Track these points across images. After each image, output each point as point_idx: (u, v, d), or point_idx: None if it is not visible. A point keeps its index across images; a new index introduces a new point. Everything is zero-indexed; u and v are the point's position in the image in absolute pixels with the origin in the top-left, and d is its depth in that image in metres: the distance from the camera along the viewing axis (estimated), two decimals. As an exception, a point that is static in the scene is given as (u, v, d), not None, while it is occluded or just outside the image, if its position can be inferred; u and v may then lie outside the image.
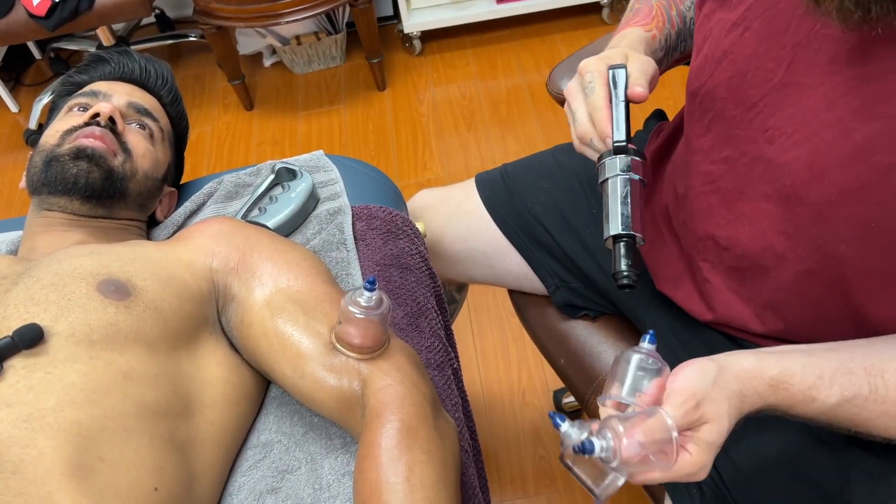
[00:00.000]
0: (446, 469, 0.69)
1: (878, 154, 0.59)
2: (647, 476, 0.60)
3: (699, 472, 0.60)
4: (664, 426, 0.58)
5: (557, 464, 1.53)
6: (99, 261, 0.78)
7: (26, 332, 0.68)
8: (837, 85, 0.61)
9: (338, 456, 0.78)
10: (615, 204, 0.71)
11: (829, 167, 0.63)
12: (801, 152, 0.65)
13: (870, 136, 0.59)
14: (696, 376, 0.61)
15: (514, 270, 1.09)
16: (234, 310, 0.83)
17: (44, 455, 0.63)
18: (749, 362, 0.64)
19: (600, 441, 0.58)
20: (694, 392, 0.60)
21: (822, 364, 0.64)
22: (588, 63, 0.76)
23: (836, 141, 0.62)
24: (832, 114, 0.62)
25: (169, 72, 1.07)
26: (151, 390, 0.72)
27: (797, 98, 0.65)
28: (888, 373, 0.63)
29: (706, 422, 0.60)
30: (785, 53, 0.65)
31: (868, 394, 0.63)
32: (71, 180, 0.88)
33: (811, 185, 0.65)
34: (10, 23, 2.07)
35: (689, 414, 0.59)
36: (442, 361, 0.89)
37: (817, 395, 0.63)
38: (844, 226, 0.64)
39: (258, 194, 1.03)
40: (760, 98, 0.69)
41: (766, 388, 0.63)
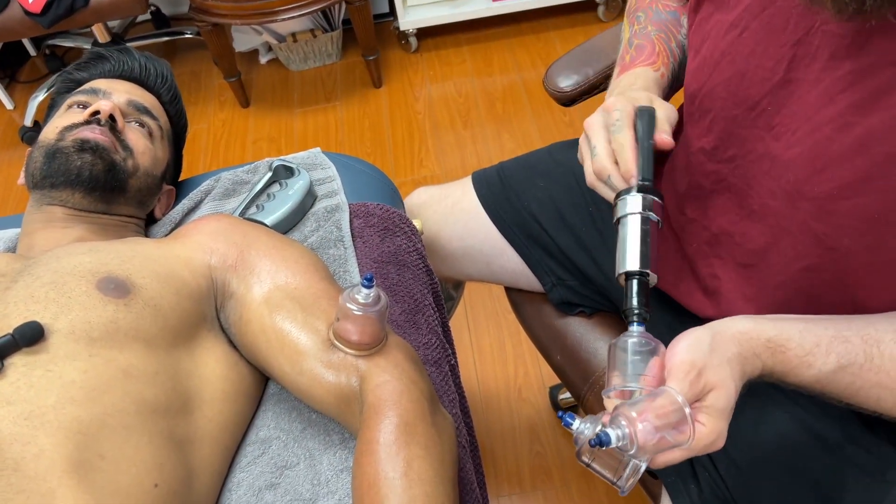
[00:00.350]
0: (444, 464, 0.70)
1: (877, 146, 0.60)
2: (668, 457, 0.60)
3: (717, 441, 0.60)
4: (674, 403, 0.58)
5: (553, 459, 1.54)
6: (98, 258, 0.79)
7: (27, 329, 0.69)
8: (837, 80, 0.62)
9: (336, 452, 0.79)
10: (634, 241, 0.69)
11: (830, 161, 0.63)
12: (804, 148, 0.66)
13: (870, 128, 0.60)
14: (691, 346, 0.62)
15: (511, 268, 1.10)
16: (233, 307, 0.83)
17: (44, 452, 0.63)
18: (744, 325, 0.65)
19: (615, 430, 0.58)
20: (693, 361, 0.60)
21: (820, 332, 0.65)
22: (616, 102, 0.76)
23: (836, 135, 0.63)
24: (833, 109, 0.63)
25: (168, 70, 1.07)
26: (151, 387, 0.72)
27: (799, 95, 0.66)
28: (884, 343, 0.64)
29: (711, 389, 0.60)
30: (784, 51, 0.66)
31: (864, 362, 0.64)
32: (74, 172, 0.88)
33: (813, 179, 0.65)
34: (6, 19, 2.06)
35: (693, 385, 0.60)
36: (439, 358, 0.89)
37: (814, 361, 0.64)
38: (847, 219, 0.65)
39: (256, 192, 1.03)
40: (763, 97, 0.69)
41: (764, 348, 0.64)
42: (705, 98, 0.76)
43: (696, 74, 0.77)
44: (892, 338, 0.64)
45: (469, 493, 0.79)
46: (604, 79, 1.10)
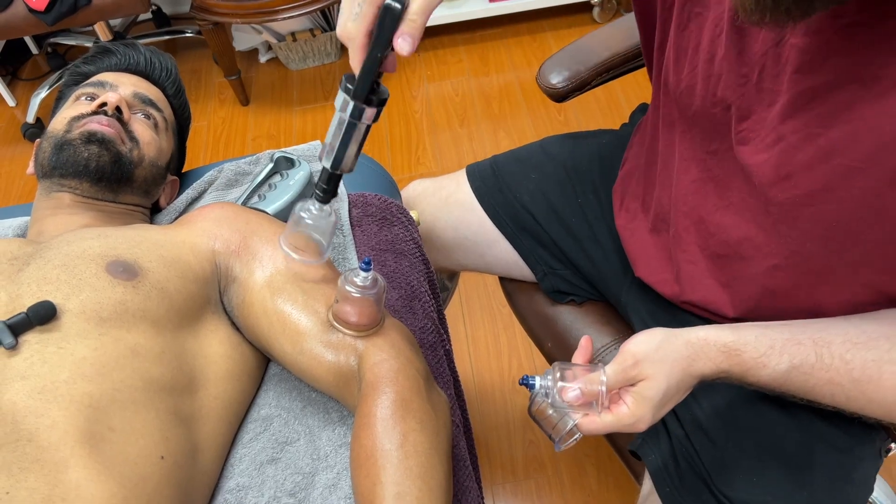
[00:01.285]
0: (439, 437, 0.73)
1: (838, 157, 0.62)
2: (590, 426, 0.73)
3: (637, 423, 0.71)
4: (598, 379, 0.72)
5: (546, 449, 1.58)
6: (107, 243, 0.82)
7: (40, 308, 0.72)
8: (803, 92, 0.64)
9: (335, 428, 0.82)
10: (336, 142, 0.70)
11: (795, 169, 0.66)
12: (770, 154, 0.68)
13: (832, 140, 0.62)
14: (641, 341, 0.72)
15: (504, 258, 1.13)
16: (236, 290, 0.86)
17: (57, 424, 0.66)
18: (703, 332, 0.72)
19: (542, 380, 0.73)
20: (634, 353, 0.71)
21: (775, 335, 0.71)
22: None
23: (802, 144, 0.65)
24: (798, 119, 0.65)
25: (173, 64, 1.10)
26: (157, 366, 0.75)
27: (768, 103, 0.68)
28: (834, 344, 0.69)
29: (643, 378, 0.71)
30: (756, 60, 0.68)
31: (815, 362, 0.69)
32: (82, 163, 0.91)
33: (779, 185, 0.68)
34: (10, 17, 2.09)
35: (626, 371, 0.71)
36: (434, 342, 0.93)
37: (768, 362, 0.70)
38: (810, 224, 0.68)
39: (258, 182, 1.06)
40: (733, 101, 0.71)
41: (718, 353, 0.71)
42: (685, 92, 0.77)
43: (676, 68, 0.78)
44: (842, 340, 0.69)
45: (463, 468, 0.83)
46: (595, 76, 1.12)
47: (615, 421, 0.72)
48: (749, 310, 0.82)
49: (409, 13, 0.60)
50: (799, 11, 0.53)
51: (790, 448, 0.79)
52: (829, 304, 0.73)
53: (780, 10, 0.53)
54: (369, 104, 0.67)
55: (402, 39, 0.61)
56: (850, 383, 0.68)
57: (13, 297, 0.75)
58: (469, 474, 0.83)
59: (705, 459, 0.82)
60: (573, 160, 1.09)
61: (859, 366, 0.68)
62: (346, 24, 0.63)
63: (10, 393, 0.67)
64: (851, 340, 0.69)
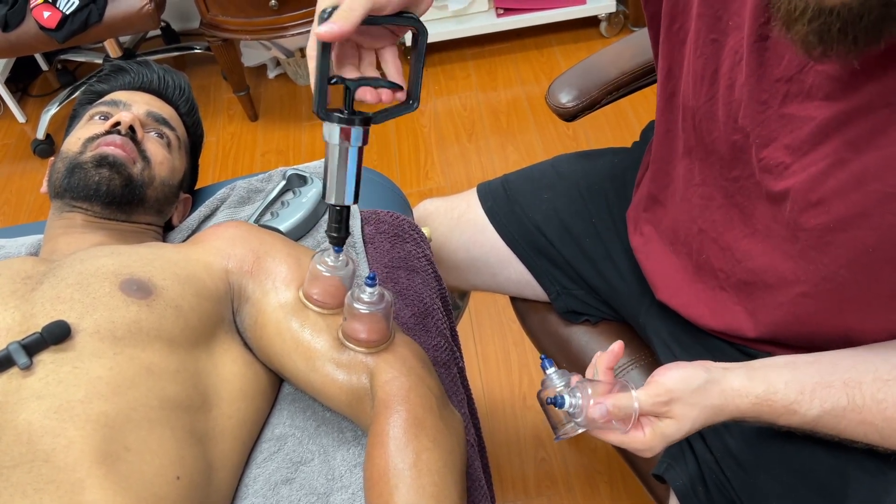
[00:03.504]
0: (452, 456, 0.72)
1: (873, 183, 0.61)
2: (605, 435, 0.73)
3: (645, 451, 0.72)
4: (630, 407, 0.70)
5: (558, 466, 1.56)
6: (121, 261, 0.82)
7: (54, 328, 0.72)
8: (831, 118, 0.63)
9: (350, 448, 0.81)
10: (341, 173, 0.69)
11: (827, 196, 0.65)
12: (799, 180, 0.67)
13: (865, 166, 0.61)
14: (680, 379, 0.70)
15: (516, 278, 1.12)
16: (248, 311, 0.86)
17: (74, 444, 0.66)
18: (738, 381, 0.71)
19: (571, 398, 0.72)
20: (671, 390, 0.69)
21: (804, 379, 0.70)
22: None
23: (832, 170, 0.64)
24: (828, 145, 0.64)
25: (186, 83, 1.11)
26: (172, 384, 0.75)
27: (791, 130, 0.67)
28: (864, 384, 0.68)
29: (670, 417, 0.70)
30: (779, 87, 0.67)
31: (846, 404, 0.69)
32: (93, 187, 0.92)
33: (809, 212, 0.67)
34: (21, 34, 2.11)
35: (657, 406, 0.70)
36: (448, 360, 0.92)
37: (798, 408, 0.70)
38: (843, 251, 0.67)
39: (270, 199, 1.06)
40: (753, 128, 0.70)
41: (749, 405, 0.71)
42: (704, 118, 0.76)
43: (696, 92, 0.76)
44: (873, 378, 0.68)
45: (478, 488, 0.82)
46: (605, 94, 1.12)
47: (626, 441, 0.72)
48: (774, 334, 0.81)
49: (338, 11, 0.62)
50: (867, 40, 0.52)
51: (822, 473, 0.78)
52: (860, 330, 0.72)
53: (847, 40, 0.52)
54: (351, 124, 0.68)
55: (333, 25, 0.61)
56: (883, 423, 0.68)
57: (27, 317, 0.75)
58: (484, 494, 0.83)
59: (736, 486, 0.81)
60: (586, 179, 1.08)
61: (892, 404, 0.67)
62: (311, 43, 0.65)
63: (26, 413, 0.67)
64: (882, 378, 0.68)
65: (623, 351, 0.77)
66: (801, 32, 0.54)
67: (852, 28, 0.51)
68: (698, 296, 0.88)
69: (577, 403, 0.71)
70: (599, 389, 0.72)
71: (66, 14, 2.06)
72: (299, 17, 2.17)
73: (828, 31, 0.52)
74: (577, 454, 1.58)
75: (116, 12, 2.11)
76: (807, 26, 0.53)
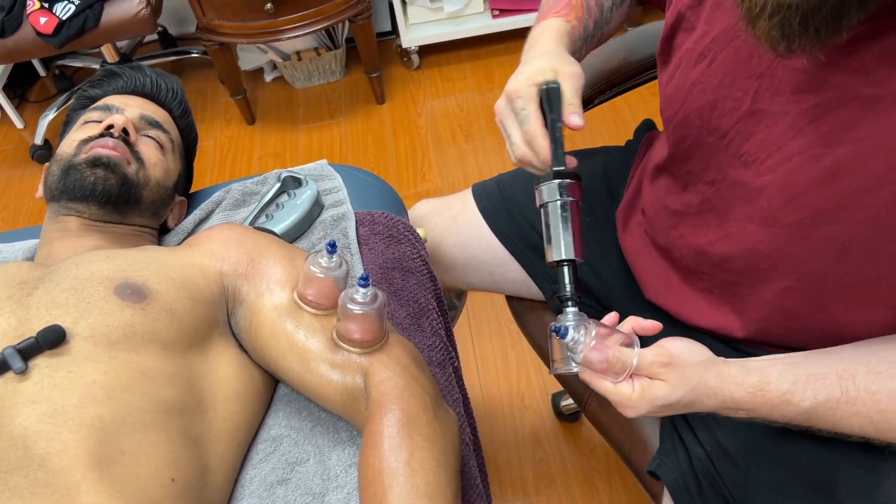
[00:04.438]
0: (446, 455, 0.72)
1: (846, 177, 0.62)
2: (595, 382, 0.72)
3: (628, 409, 0.71)
4: (628, 361, 0.70)
5: (556, 465, 1.57)
6: (115, 265, 0.82)
7: (49, 333, 0.72)
8: (803, 112, 0.64)
9: (345, 448, 0.82)
10: (556, 229, 0.75)
11: (802, 190, 0.66)
12: (775, 176, 0.68)
13: (838, 159, 0.62)
14: (686, 348, 0.71)
15: (512, 277, 1.12)
16: (243, 313, 0.86)
17: (68, 448, 0.66)
18: (735, 370, 0.71)
19: (575, 333, 0.71)
20: (673, 355, 0.70)
21: (798, 371, 0.71)
22: (518, 86, 0.78)
23: (807, 165, 0.65)
24: (802, 140, 0.65)
25: (179, 86, 1.11)
26: (167, 388, 0.75)
27: (767, 125, 0.68)
28: (858, 376, 0.68)
29: (663, 380, 0.70)
30: (750, 83, 0.68)
31: (840, 396, 0.69)
32: (89, 187, 0.92)
33: (787, 207, 0.68)
34: (18, 40, 2.11)
35: (655, 366, 0.70)
36: (443, 359, 0.92)
37: (792, 398, 0.70)
38: (821, 245, 0.68)
39: (265, 202, 1.06)
40: (732, 126, 0.71)
41: (744, 394, 0.70)
42: (680, 124, 0.78)
43: (670, 102, 0.79)
44: (865, 370, 0.69)
45: (473, 487, 0.82)
46: (597, 93, 1.13)
47: (612, 392, 0.71)
48: (762, 332, 0.81)
49: (565, 98, 0.76)
50: (828, 31, 0.52)
51: (813, 466, 0.79)
52: (845, 323, 0.73)
53: (809, 33, 0.53)
54: (576, 178, 0.74)
55: (571, 117, 0.76)
56: (877, 415, 0.68)
57: (22, 322, 0.75)
58: (480, 493, 0.83)
59: (727, 480, 0.82)
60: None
61: (885, 396, 0.67)
62: (520, 133, 0.77)
63: (21, 417, 0.67)
64: (875, 370, 0.68)
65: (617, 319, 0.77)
66: (763, 28, 0.55)
67: (812, 20, 0.52)
68: (686, 295, 0.89)
69: (579, 339, 0.71)
70: (607, 336, 0.72)
71: (62, 20, 2.06)
72: (295, 20, 2.17)
73: (789, 26, 0.53)
74: (576, 453, 1.58)
75: (113, 17, 2.11)
76: (768, 22, 0.54)
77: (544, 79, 0.77)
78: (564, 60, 0.79)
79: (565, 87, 0.77)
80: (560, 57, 0.81)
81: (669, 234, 0.88)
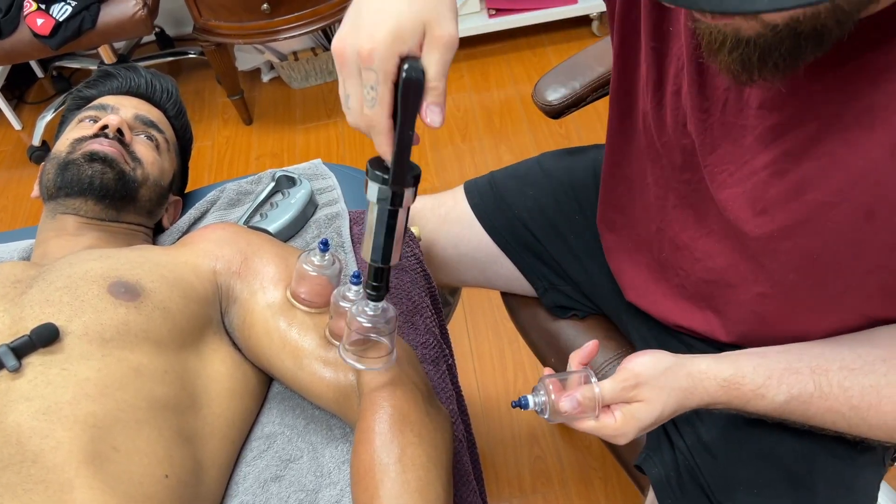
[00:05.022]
0: (437, 451, 0.73)
1: (811, 192, 0.63)
2: (580, 425, 0.74)
3: (618, 437, 0.73)
4: (593, 393, 0.73)
5: (553, 463, 1.57)
6: (109, 264, 0.82)
7: (43, 331, 0.72)
8: (769, 128, 0.64)
9: (338, 445, 0.82)
10: (377, 234, 0.63)
11: (769, 205, 0.67)
12: (743, 189, 0.69)
13: (802, 175, 0.63)
14: (647, 363, 0.72)
15: (505, 274, 1.13)
16: (236, 311, 0.87)
17: (62, 445, 0.66)
18: (705, 364, 0.73)
19: (534, 398, 0.75)
20: (638, 374, 0.71)
21: (772, 365, 0.72)
22: (374, 50, 0.55)
23: (773, 180, 0.65)
24: (768, 155, 0.65)
25: (174, 86, 1.12)
26: (160, 385, 0.76)
27: (734, 137, 0.68)
28: (831, 372, 0.69)
29: (640, 401, 0.72)
30: (718, 94, 0.68)
31: (813, 391, 0.70)
32: (86, 181, 0.92)
33: (755, 220, 0.69)
34: (15, 42, 2.12)
35: (626, 391, 0.72)
36: (437, 356, 0.93)
37: (766, 392, 0.71)
38: (789, 257, 0.68)
39: (259, 201, 1.07)
40: (698, 134, 0.71)
41: (718, 388, 0.72)
42: (657, 122, 0.77)
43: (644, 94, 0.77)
44: (839, 366, 0.69)
45: (466, 484, 0.83)
46: (590, 91, 1.13)
47: (598, 428, 0.73)
48: (742, 335, 0.82)
49: (429, 81, 0.57)
50: (786, 65, 0.53)
51: (790, 459, 0.79)
52: (818, 330, 0.74)
53: (768, 67, 0.53)
54: (407, 185, 0.61)
55: (431, 111, 0.58)
56: (850, 410, 0.69)
57: (16, 320, 0.75)
58: (473, 489, 0.83)
59: (706, 473, 0.82)
60: (570, 176, 1.09)
61: (858, 393, 0.68)
62: (362, 111, 0.58)
63: (15, 414, 0.68)
64: (848, 367, 0.69)
65: (597, 349, 0.79)
66: (724, 62, 0.55)
67: (770, 56, 0.52)
68: (665, 295, 0.90)
69: (541, 401, 0.75)
70: (573, 381, 0.75)
71: (59, 21, 2.07)
72: (292, 20, 2.18)
73: (748, 60, 0.53)
74: (572, 451, 1.59)
75: (109, 18, 2.12)
76: (728, 56, 0.54)
77: (408, 49, 0.56)
78: (440, 8, 0.57)
79: (431, 64, 0.57)
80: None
81: (648, 228, 0.88)
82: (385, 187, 0.60)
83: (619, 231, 0.96)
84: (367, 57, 0.55)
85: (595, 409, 0.73)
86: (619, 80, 0.82)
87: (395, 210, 0.62)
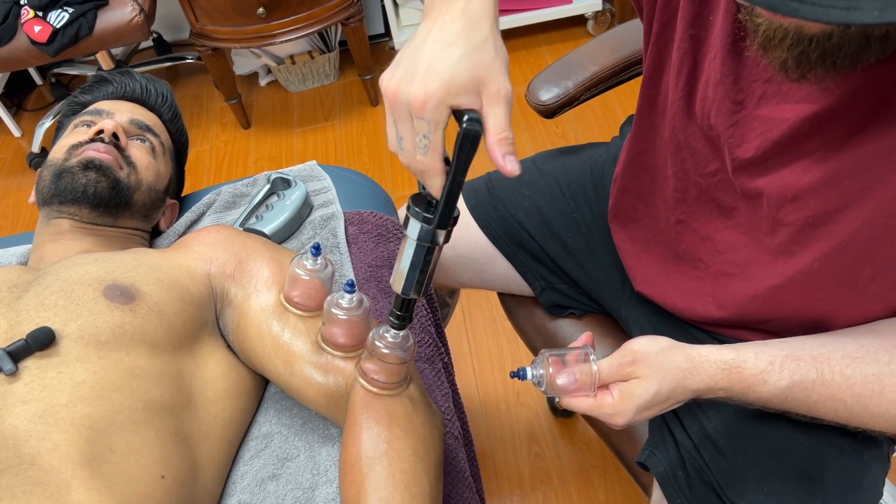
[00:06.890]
0: (424, 445, 0.73)
1: (849, 179, 0.62)
2: (577, 403, 0.74)
3: (616, 417, 0.72)
4: (591, 369, 0.73)
5: (552, 461, 1.58)
6: (104, 267, 0.83)
7: (39, 334, 0.73)
8: (805, 119, 0.63)
9: (334, 444, 0.83)
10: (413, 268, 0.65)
11: (803, 192, 0.66)
12: (773, 179, 0.68)
13: (841, 163, 0.63)
14: (645, 342, 0.72)
15: (502, 274, 1.13)
16: (231, 314, 0.87)
17: (59, 447, 0.67)
18: (706, 349, 0.72)
19: (532, 370, 0.76)
20: (635, 351, 0.71)
21: (774, 352, 0.71)
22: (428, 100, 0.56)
23: (809, 168, 0.65)
24: (804, 145, 0.65)
25: (169, 90, 1.12)
26: (156, 387, 0.76)
27: (762, 131, 0.67)
28: (833, 360, 0.69)
29: (636, 377, 0.71)
30: (756, 87, 0.67)
31: (815, 378, 0.69)
32: (80, 189, 0.93)
33: (788, 207, 0.68)
34: (13, 49, 2.13)
35: (622, 366, 0.72)
36: (432, 355, 0.93)
37: (768, 378, 0.70)
38: (821, 244, 0.68)
39: (255, 203, 1.08)
40: (724, 129, 0.71)
41: (718, 370, 0.71)
42: (683, 113, 0.76)
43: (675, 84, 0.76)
44: (841, 355, 0.69)
45: (461, 480, 0.83)
46: (583, 91, 1.13)
47: (595, 406, 0.73)
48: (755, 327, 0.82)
49: (498, 131, 0.58)
50: (846, 65, 0.52)
51: (799, 455, 0.79)
52: (835, 319, 0.73)
53: (825, 66, 0.52)
54: (454, 224, 0.63)
55: (510, 161, 0.59)
56: (852, 399, 0.69)
57: (13, 324, 0.76)
58: (469, 486, 0.84)
59: (715, 470, 0.82)
60: (566, 175, 1.09)
61: (860, 381, 0.68)
62: (415, 156, 0.59)
63: (12, 418, 0.68)
64: (851, 355, 0.69)
65: (591, 340, 0.79)
66: (779, 58, 0.54)
67: (831, 56, 0.52)
68: (674, 285, 0.89)
69: (539, 374, 0.75)
70: (572, 358, 0.75)
71: (56, 28, 2.07)
72: (287, 24, 2.18)
73: (806, 58, 0.53)
74: (571, 448, 1.59)
75: (106, 25, 2.13)
76: (786, 52, 0.53)
77: (459, 102, 0.57)
78: (495, 65, 0.58)
79: (498, 117, 0.58)
80: (488, 55, 0.58)
81: (668, 219, 0.88)
82: (427, 227, 0.62)
83: (638, 220, 0.95)
84: (420, 108, 0.56)
85: (592, 387, 0.73)
86: (652, 67, 0.81)
87: (432, 247, 0.64)
